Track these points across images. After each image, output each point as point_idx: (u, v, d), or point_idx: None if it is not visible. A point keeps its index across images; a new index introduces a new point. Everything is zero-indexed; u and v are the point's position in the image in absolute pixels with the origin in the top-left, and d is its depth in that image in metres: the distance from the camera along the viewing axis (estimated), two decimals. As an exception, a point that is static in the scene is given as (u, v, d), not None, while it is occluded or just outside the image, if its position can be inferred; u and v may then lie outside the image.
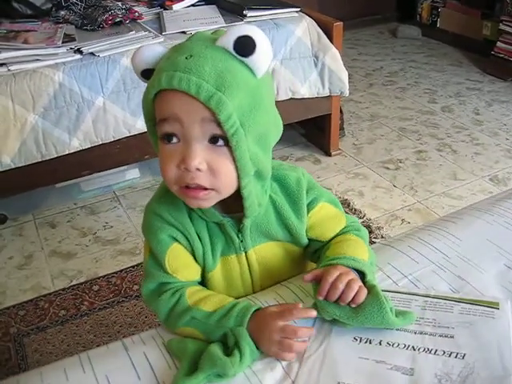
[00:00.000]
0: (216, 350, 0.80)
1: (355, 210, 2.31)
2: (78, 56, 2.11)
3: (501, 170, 2.59)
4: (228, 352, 0.80)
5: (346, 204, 2.34)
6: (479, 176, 2.55)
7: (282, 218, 0.93)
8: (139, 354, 0.84)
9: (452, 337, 0.82)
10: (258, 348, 0.81)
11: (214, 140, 0.77)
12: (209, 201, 0.82)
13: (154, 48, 0.82)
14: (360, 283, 0.84)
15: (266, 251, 0.96)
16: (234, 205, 0.86)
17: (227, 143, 0.77)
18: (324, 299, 0.83)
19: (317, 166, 2.69)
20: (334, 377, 0.77)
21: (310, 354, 0.80)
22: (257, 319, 0.83)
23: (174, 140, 0.78)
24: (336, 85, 2.50)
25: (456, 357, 0.78)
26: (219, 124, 0.75)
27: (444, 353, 0.79)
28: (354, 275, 0.85)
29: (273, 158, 0.87)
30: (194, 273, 0.93)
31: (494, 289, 0.91)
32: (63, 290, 1.97)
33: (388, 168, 2.65)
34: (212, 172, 0.78)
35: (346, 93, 2.54)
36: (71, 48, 2.15)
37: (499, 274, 0.94)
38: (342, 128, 2.85)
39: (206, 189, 0.79)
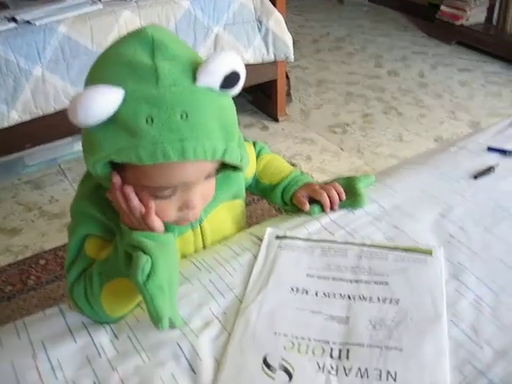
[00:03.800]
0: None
1: (303, 174, 2.32)
2: (12, 25, 2.03)
3: (445, 131, 2.64)
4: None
5: (293, 168, 2.34)
6: (424, 137, 2.59)
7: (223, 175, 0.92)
8: (76, 319, 0.83)
9: (387, 283, 0.83)
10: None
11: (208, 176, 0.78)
12: None
13: (108, 96, 0.67)
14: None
15: (216, 217, 0.95)
16: None
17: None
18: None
19: (265, 132, 2.68)
20: (271, 327, 0.77)
21: (248, 305, 0.80)
22: None
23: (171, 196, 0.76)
24: (281, 49, 2.48)
25: (390, 303, 0.80)
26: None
27: (379, 299, 0.80)
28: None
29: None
30: None
31: (428, 237, 0.93)
32: (9, 265, 1.92)
33: (335, 132, 2.67)
34: (204, 198, 0.80)
35: (291, 57, 2.52)
36: (5, 17, 2.07)
37: (434, 223, 0.96)
38: (288, 94, 2.84)
39: None
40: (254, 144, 1.08)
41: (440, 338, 0.74)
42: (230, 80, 0.72)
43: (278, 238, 0.93)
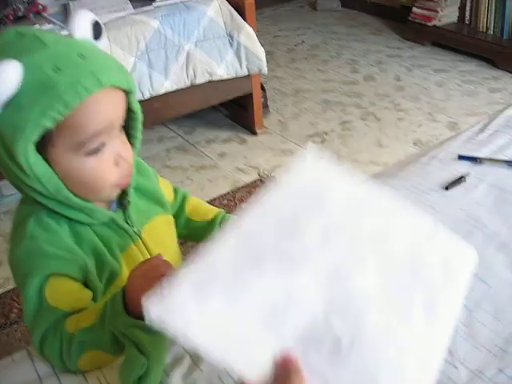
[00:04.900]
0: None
1: (283, 186, 2.30)
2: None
3: (423, 133, 2.64)
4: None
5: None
6: (403, 141, 2.59)
7: (142, 190, 0.92)
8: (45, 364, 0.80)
9: None
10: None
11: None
12: None
13: (12, 67, 0.69)
14: None
15: (154, 228, 0.92)
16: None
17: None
18: None
19: (243, 146, 2.66)
20: None
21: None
22: (128, 291, 0.73)
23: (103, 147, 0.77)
24: (254, 63, 2.47)
25: None
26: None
27: None
28: None
29: (198, 142, 0.89)
30: (82, 299, 0.80)
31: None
32: (-10, 299, 1.89)
33: (314, 141, 2.65)
34: (129, 151, 0.82)
35: (265, 70, 2.51)
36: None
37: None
38: (265, 106, 2.83)
39: None
40: (177, 188, 1.06)
41: None
42: (97, 30, 0.79)
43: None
